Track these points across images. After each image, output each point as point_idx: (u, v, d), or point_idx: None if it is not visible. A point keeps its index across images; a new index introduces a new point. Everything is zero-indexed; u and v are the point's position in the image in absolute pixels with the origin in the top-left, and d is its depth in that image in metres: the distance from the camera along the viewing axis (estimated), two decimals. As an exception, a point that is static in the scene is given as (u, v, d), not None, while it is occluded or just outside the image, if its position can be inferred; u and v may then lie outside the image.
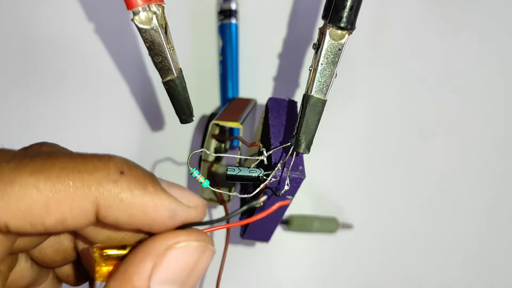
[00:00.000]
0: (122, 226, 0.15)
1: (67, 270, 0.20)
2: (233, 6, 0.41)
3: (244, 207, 0.17)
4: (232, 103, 0.37)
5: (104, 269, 0.16)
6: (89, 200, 0.14)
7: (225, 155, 0.24)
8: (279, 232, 0.42)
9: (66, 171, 0.14)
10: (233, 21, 0.41)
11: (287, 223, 0.41)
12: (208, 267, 0.16)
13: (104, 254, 0.16)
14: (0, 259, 0.15)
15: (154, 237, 0.16)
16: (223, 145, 0.35)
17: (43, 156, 0.14)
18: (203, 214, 0.17)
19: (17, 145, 0.44)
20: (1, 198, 0.13)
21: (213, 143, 0.35)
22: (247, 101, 0.37)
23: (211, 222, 0.17)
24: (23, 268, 0.18)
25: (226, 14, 0.41)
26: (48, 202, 0.14)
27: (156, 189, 0.15)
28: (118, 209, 0.15)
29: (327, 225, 0.41)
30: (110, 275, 0.16)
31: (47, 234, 0.17)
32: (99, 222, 0.15)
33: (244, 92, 0.43)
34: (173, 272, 0.15)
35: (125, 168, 0.15)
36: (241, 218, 0.33)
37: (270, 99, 0.29)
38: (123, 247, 0.16)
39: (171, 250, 0.15)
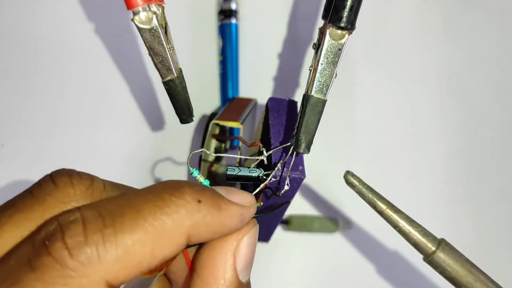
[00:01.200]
0: (203, 241, 0.18)
1: None
2: (233, 6, 0.41)
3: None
4: (232, 103, 0.37)
5: None
6: (183, 235, 0.16)
7: (225, 155, 0.24)
8: (279, 232, 0.42)
9: (157, 217, 0.15)
10: (233, 21, 0.41)
11: (287, 223, 0.41)
12: None
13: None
14: None
15: (225, 236, 0.18)
16: (223, 145, 0.35)
17: (124, 207, 0.15)
18: (256, 206, 0.20)
19: (17, 145, 0.44)
20: (115, 261, 0.14)
21: (213, 143, 0.35)
22: (247, 101, 0.37)
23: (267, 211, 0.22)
24: None
25: (226, 14, 0.41)
26: (153, 251, 0.15)
27: (227, 204, 0.18)
28: (204, 232, 0.17)
29: (327, 225, 0.41)
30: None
31: None
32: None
33: (244, 92, 0.43)
34: (248, 256, 0.19)
35: (198, 196, 0.17)
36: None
37: (270, 99, 0.29)
38: None
39: (242, 241, 0.19)
